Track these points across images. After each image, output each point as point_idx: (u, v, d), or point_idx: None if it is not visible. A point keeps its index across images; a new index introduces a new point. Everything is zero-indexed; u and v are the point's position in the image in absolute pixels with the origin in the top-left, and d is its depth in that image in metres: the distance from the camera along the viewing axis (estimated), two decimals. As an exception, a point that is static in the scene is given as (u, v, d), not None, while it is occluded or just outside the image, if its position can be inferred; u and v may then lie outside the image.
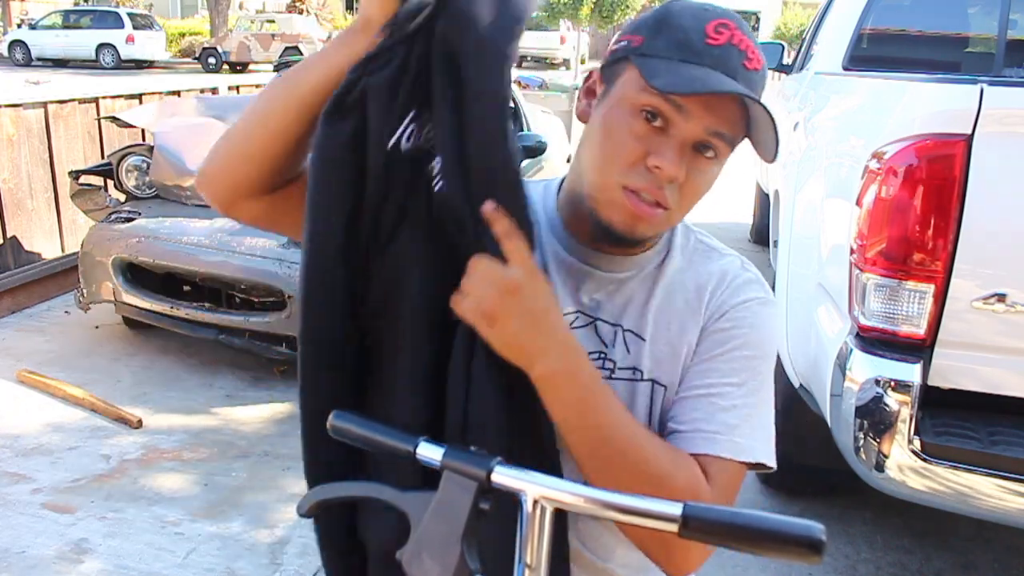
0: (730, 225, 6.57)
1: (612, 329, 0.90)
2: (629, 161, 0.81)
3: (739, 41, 0.80)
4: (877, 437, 1.89)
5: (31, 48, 20.82)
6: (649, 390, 0.90)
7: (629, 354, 0.90)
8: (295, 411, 3.25)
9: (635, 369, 0.90)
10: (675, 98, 0.79)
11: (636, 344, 0.90)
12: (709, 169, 0.83)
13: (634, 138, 0.81)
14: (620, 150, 0.81)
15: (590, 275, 0.91)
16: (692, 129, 0.79)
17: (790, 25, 27.55)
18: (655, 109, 0.80)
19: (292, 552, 2.39)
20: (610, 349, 0.90)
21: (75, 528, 2.44)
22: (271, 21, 21.73)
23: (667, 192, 0.81)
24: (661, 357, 0.90)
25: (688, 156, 0.81)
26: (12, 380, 3.39)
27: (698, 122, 0.79)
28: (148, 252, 3.42)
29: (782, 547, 0.65)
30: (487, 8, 0.76)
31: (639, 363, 0.90)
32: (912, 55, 3.66)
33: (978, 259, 1.83)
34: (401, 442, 0.76)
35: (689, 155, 0.81)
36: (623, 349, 0.90)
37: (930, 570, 2.45)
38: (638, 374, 0.90)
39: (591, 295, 0.91)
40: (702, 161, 0.82)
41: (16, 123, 4.25)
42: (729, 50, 0.79)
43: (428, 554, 0.70)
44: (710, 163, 0.82)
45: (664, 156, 0.79)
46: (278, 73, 4.93)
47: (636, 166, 0.81)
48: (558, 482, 0.73)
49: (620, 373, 0.90)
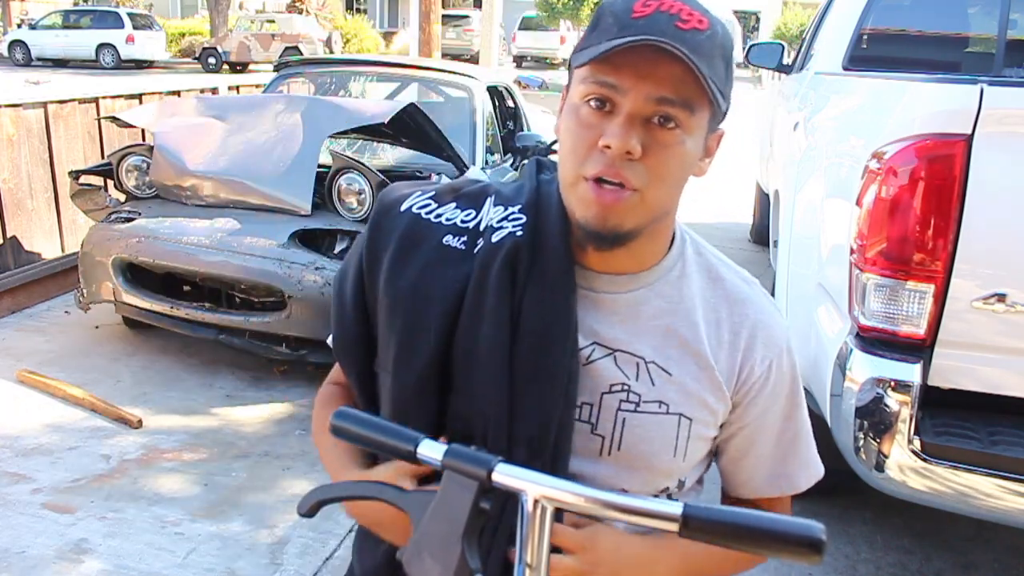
0: (730, 225, 6.57)
1: (635, 360, 0.89)
2: (584, 150, 0.81)
3: (669, 7, 0.78)
4: (877, 437, 1.89)
5: (31, 48, 20.80)
6: (676, 423, 0.89)
7: (654, 387, 0.89)
8: (295, 411, 3.27)
9: (661, 403, 0.89)
10: (609, 78, 0.78)
11: (661, 377, 0.89)
12: (674, 142, 0.80)
13: (585, 127, 0.80)
14: (575, 142, 0.81)
15: (603, 302, 0.89)
16: (634, 101, 0.78)
17: (790, 25, 27.54)
18: (595, 95, 0.80)
19: (292, 552, 2.39)
20: (633, 382, 0.88)
21: (75, 528, 2.44)
22: (271, 21, 21.72)
23: (628, 172, 0.79)
24: (688, 391, 0.89)
25: (640, 130, 0.79)
26: (12, 380, 3.39)
27: (637, 93, 0.78)
28: (148, 252, 3.42)
29: (782, 547, 0.65)
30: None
31: (665, 397, 0.89)
32: (912, 55, 3.66)
33: (978, 259, 1.83)
34: (402, 441, 0.75)
35: (642, 129, 0.79)
36: (648, 382, 0.89)
37: (930, 570, 2.45)
38: (664, 407, 0.89)
39: (608, 325, 0.89)
40: (662, 133, 0.79)
41: (16, 123, 4.25)
42: (657, 16, 0.78)
43: (429, 553, 0.70)
44: (673, 134, 0.79)
45: (610, 132, 0.78)
46: (277, 70, 4.94)
47: (591, 152, 0.80)
48: (559, 481, 0.72)
49: (646, 406, 0.88)
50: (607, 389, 0.88)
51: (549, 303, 0.86)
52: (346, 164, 3.48)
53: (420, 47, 9.68)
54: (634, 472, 0.89)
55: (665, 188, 0.82)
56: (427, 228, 0.93)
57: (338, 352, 1.00)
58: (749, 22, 32.66)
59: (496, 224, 0.90)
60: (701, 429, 0.91)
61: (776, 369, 0.93)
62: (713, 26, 0.79)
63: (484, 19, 11.66)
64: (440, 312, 0.88)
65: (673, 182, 0.83)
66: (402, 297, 0.91)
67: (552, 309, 0.86)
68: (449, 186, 0.99)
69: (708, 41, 0.78)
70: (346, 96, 4.66)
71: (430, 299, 0.89)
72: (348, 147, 4.23)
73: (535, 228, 0.88)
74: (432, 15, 9.43)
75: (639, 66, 0.77)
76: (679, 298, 0.91)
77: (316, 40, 20.64)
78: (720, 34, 0.80)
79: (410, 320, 0.90)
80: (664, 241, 0.92)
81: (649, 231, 0.86)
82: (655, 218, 0.85)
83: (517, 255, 0.87)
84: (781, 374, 0.94)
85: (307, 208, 3.46)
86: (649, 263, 0.91)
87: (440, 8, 9.68)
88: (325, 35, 21.51)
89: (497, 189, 0.96)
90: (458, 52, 22.22)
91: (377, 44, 23.81)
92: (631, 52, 0.76)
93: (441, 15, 9.95)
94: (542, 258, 0.87)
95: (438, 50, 9.56)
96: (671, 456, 0.89)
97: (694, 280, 0.93)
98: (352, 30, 23.44)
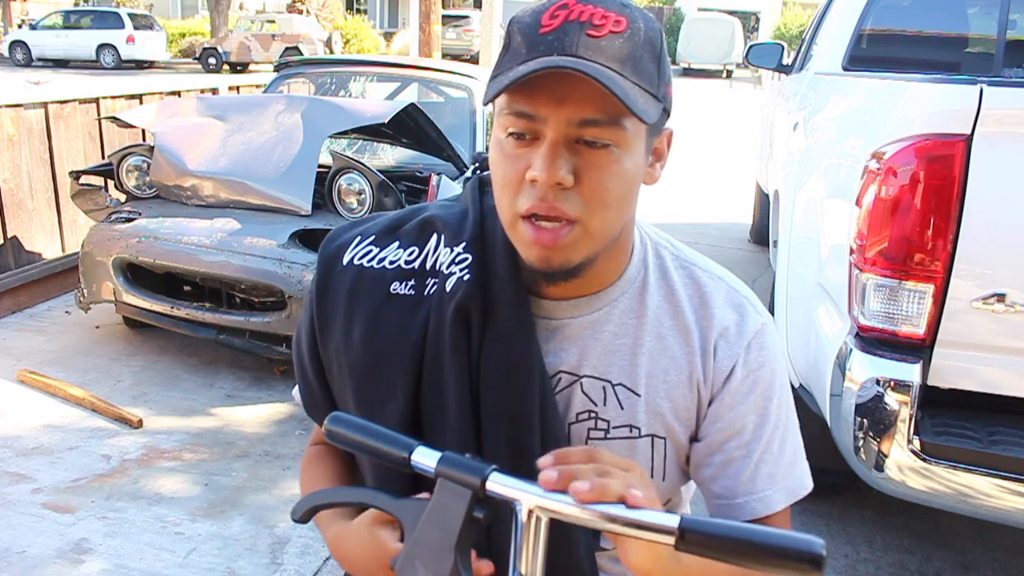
0: (730, 225, 6.57)
1: (601, 384, 0.84)
2: (515, 184, 0.75)
3: (579, 14, 0.71)
4: (877, 437, 1.89)
5: (31, 48, 20.81)
6: (649, 445, 0.85)
7: (623, 411, 0.84)
8: (295, 411, 3.27)
9: (631, 427, 0.84)
10: (524, 108, 0.72)
11: (630, 399, 0.84)
12: (609, 161, 0.73)
13: (511, 160, 0.75)
14: (505, 178, 0.76)
15: (565, 328, 0.85)
16: (555, 128, 0.72)
17: (790, 25, 27.57)
18: (514, 128, 0.74)
19: (292, 552, 2.39)
20: (601, 407, 0.84)
21: (75, 528, 2.45)
22: (271, 21, 21.73)
23: (564, 204, 0.73)
24: (659, 411, 0.85)
25: (569, 156, 0.72)
26: (12, 380, 3.39)
27: (557, 119, 0.71)
28: (148, 252, 3.42)
29: (781, 562, 0.64)
30: None
31: (635, 420, 0.84)
32: (912, 55, 3.66)
33: (977, 259, 1.83)
34: (396, 448, 0.74)
35: (571, 155, 0.72)
36: (616, 406, 0.84)
37: (929, 570, 2.45)
38: (635, 431, 0.84)
39: (571, 352, 0.85)
40: (593, 155, 0.73)
41: (17, 123, 4.25)
42: (566, 28, 0.71)
43: (421, 562, 0.70)
44: (605, 153, 0.73)
45: (535, 164, 0.72)
46: (278, 70, 4.94)
47: (521, 187, 0.74)
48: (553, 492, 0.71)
49: (616, 432, 0.84)
50: (574, 419, 0.84)
51: (505, 348, 0.82)
52: (346, 164, 3.49)
53: (420, 47, 9.67)
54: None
55: (609, 213, 0.75)
56: (371, 279, 0.88)
57: (307, 408, 0.97)
58: (749, 22, 32.67)
59: (446, 270, 0.85)
60: (679, 443, 0.87)
61: (743, 364, 0.85)
62: (633, 23, 0.73)
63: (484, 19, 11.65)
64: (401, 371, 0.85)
65: (617, 204, 0.76)
66: (356, 358, 0.87)
67: (509, 353, 0.82)
68: (388, 224, 0.93)
69: (628, 43, 0.72)
70: (346, 96, 4.66)
71: (385, 358, 0.86)
72: (348, 147, 4.24)
73: (482, 267, 0.84)
74: (432, 15, 9.43)
75: (555, 89, 0.71)
76: (642, 312, 0.85)
77: (316, 40, 20.64)
78: (643, 29, 0.73)
79: (366, 381, 0.87)
80: (624, 255, 0.86)
81: (605, 254, 0.81)
82: (605, 245, 0.79)
83: (468, 304, 0.82)
84: (750, 371, 0.85)
85: (307, 208, 3.47)
86: (610, 280, 0.86)
87: (440, 8, 9.67)
88: (325, 35, 21.51)
89: (442, 221, 0.89)
90: (458, 52, 22.21)
91: (377, 44, 23.81)
92: (545, 74, 0.69)
93: (441, 15, 9.94)
94: (493, 303, 0.82)
95: (438, 50, 9.55)
96: (647, 472, 0.85)
97: (658, 288, 0.87)
98: (352, 30, 23.45)
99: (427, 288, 0.86)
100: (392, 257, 0.89)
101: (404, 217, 0.93)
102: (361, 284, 0.88)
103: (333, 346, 0.89)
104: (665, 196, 6.75)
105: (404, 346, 0.85)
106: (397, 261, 0.89)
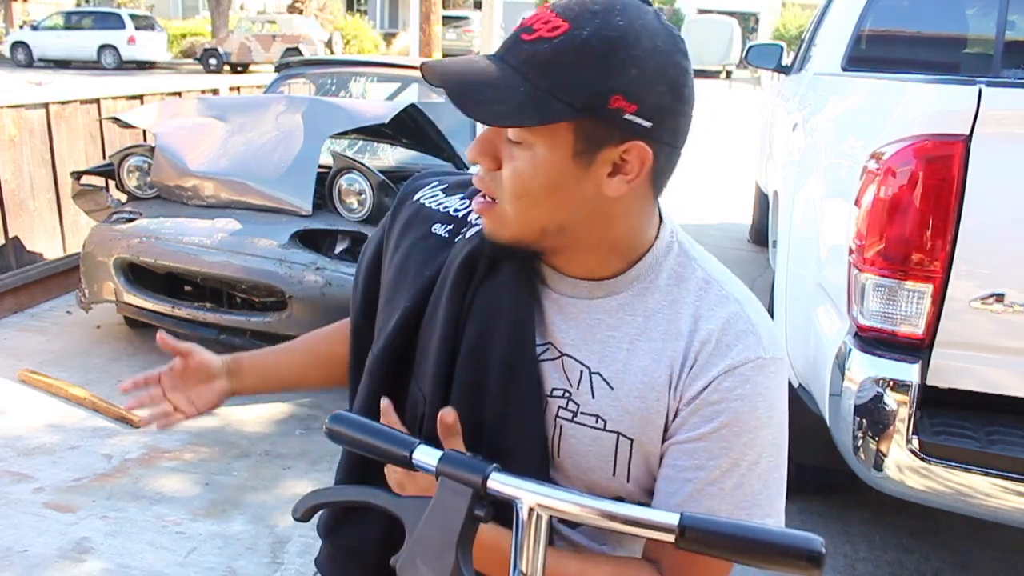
0: (729, 225, 6.57)
1: (579, 368, 0.84)
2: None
3: (536, 19, 0.78)
4: (876, 436, 1.90)
5: (33, 49, 20.82)
6: (614, 441, 0.83)
7: (594, 399, 0.83)
8: (296, 411, 3.28)
9: (599, 417, 0.83)
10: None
11: (603, 391, 0.83)
12: (519, 155, 0.78)
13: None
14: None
15: (566, 305, 0.86)
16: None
17: (789, 26, 27.59)
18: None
19: (293, 551, 2.40)
20: (574, 390, 0.84)
21: (77, 527, 2.45)
22: (272, 22, 21.75)
23: (491, 184, 0.81)
24: (630, 410, 0.82)
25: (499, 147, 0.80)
26: (14, 380, 3.40)
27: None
28: (149, 252, 3.43)
29: (780, 559, 0.64)
30: None
31: (603, 412, 0.83)
32: (911, 56, 3.67)
33: (976, 259, 1.83)
34: (398, 446, 0.75)
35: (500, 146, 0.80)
36: (588, 392, 0.84)
37: (928, 569, 2.46)
38: (601, 423, 0.83)
39: (564, 328, 0.86)
40: (510, 148, 0.79)
41: (18, 124, 4.26)
42: (514, 33, 0.78)
43: (422, 560, 0.70)
44: (519, 147, 0.78)
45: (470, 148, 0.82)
46: (278, 71, 4.95)
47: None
48: (554, 490, 0.71)
49: (583, 419, 0.84)
50: (549, 392, 0.85)
51: (494, 301, 0.86)
52: (347, 164, 3.49)
53: (420, 48, 9.69)
54: (576, 484, 0.85)
55: (526, 203, 0.79)
56: (424, 217, 0.97)
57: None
58: (748, 23, 32.67)
59: (475, 221, 0.91)
60: (649, 451, 0.83)
61: (713, 393, 0.80)
62: (575, 29, 0.74)
63: (484, 20, 11.67)
64: (408, 298, 0.91)
65: (531, 196, 0.78)
66: (389, 278, 0.96)
67: (494, 308, 0.85)
68: (464, 179, 1.01)
69: (553, 47, 0.74)
70: (347, 97, 4.66)
71: (405, 284, 0.93)
72: (349, 147, 4.24)
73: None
74: (432, 16, 9.44)
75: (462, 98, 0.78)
76: (641, 311, 0.85)
77: (317, 41, 20.65)
78: (588, 35, 0.73)
79: (388, 299, 0.95)
80: (621, 254, 0.85)
81: (577, 245, 0.83)
82: (536, 232, 0.81)
83: (478, 252, 0.87)
84: (719, 401, 0.80)
85: (308, 208, 3.47)
86: (607, 273, 0.85)
87: (440, 9, 9.68)
88: (326, 36, 21.52)
89: None
90: (458, 53, 22.20)
91: (377, 45, 23.83)
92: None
93: (441, 16, 9.95)
94: (502, 255, 0.86)
95: (438, 51, 9.56)
96: (610, 475, 0.84)
97: (665, 294, 0.85)
98: (353, 31, 23.46)
99: (458, 236, 0.93)
100: (448, 204, 0.97)
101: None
102: (416, 218, 0.97)
103: (385, 262, 1.00)
104: (665, 196, 6.74)
105: (418, 279, 0.91)
106: (449, 208, 0.97)
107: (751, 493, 0.81)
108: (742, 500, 0.80)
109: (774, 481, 0.82)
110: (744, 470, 0.80)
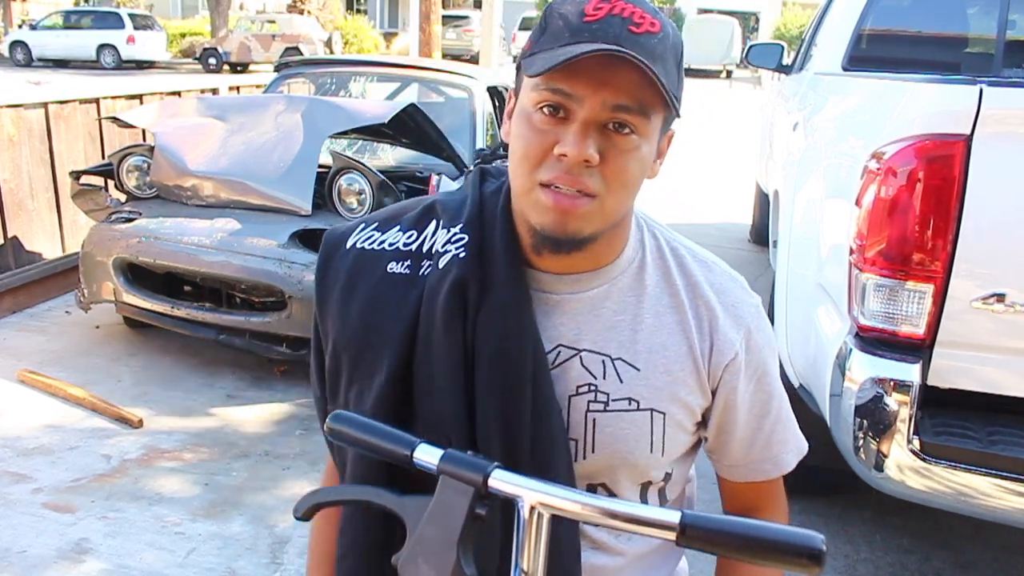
0: (730, 225, 6.57)
1: (600, 358, 0.87)
2: (538, 156, 0.79)
3: (622, 10, 0.77)
4: (876, 437, 1.89)
5: (32, 48, 20.80)
6: (648, 419, 0.87)
7: (622, 384, 0.87)
8: (295, 411, 3.28)
9: (631, 399, 0.87)
10: (563, 86, 0.76)
11: (629, 373, 0.87)
12: (631, 147, 0.79)
13: (538, 133, 0.79)
14: (529, 149, 0.80)
15: (565, 304, 0.88)
16: (590, 109, 0.76)
17: (790, 25, 27.59)
18: (549, 102, 0.78)
19: (293, 551, 2.39)
20: (601, 380, 0.87)
21: (76, 528, 2.45)
22: (272, 22, 21.72)
23: (587, 179, 0.78)
24: (658, 385, 0.88)
25: (597, 137, 0.77)
26: (13, 380, 3.40)
27: (593, 101, 0.76)
28: (149, 252, 3.43)
29: (781, 556, 0.64)
30: None
31: (634, 393, 0.87)
32: (911, 55, 3.66)
33: (977, 259, 1.83)
34: (399, 445, 0.75)
35: (599, 136, 0.77)
36: (615, 379, 0.87)
37: (929, 569, 2.46)
38: (634, 404, 0.87)
39: (571, 326, 0.88)
40: (619, 139, 0.78)
41: (17, 123, 4.25)
42: (610, 20, 0.76)
43: (424, 559, 0.70)
44: (629, 139, 0.78)
45: (566, 141, 0.77)
46: (278, 71, 4.94)
47: (547, 159, 0.79)
48: (555, 488, 0.71)
49: (615, 404, 0.87)
50: (574, 391, 0.87)
51: (501, 320, 0.84)
52: (346, 164, 3.49)
53: (420, 48, 9.68)
54: (614, 469, 0.89)
55: (624, 194, 0.81)
56: (370, 259, 0.92)
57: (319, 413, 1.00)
58: (749, 22, 32.68)
59: (441, 249, 0.88)
60: (678, 422, 0.89)
61: (745, 349, 0.90)
62: (664, 28, 0.78)
63: (484, 19, 11.66)
64: (391, 343, 0.87)
65: (631, 187, 0.82)
66: (352, 332, 0.90)
67: (505, 326, 0.84)
68: (392, 211, 0.97)
69: (660, 44, 0.77)
70: (346, 97, 4.66)
71: (379, 331, 0.88)
72: (348, 147, 4.24)
73: (479, 245, 0.87)
74: (432, 16, 9.43)
75: (596, 73, 0.75)
76: (641, 290, 0.89)
77: (316, 41, 20.64)
78: (671, 35, 0.79)
79: (360, 354, 0.90)
80: (623, 237, 0.90)
81: (609, 233, 0.85)
82: (613, 223, 0.84)
83: (465, 279, 0.85)
84: (752, 354, 0.91)
85: (307, 208, 3.47)
86: (608, 259, 0.89)
87: (440, 9, 9.68)
88: (325, 36, 21.50)
89: (442, 206, 0.94)
90: (458, 52, 22.23)
91: (377, 45, 23.81)
92: (587, 58, 0.74)
93: (441, 16, 9.95)
94: (490, 276, 0.85)
95: (438, 51, 9.56)
96: (648, 452, 0.88)
97: (655, 269, 0.91)
98: (352, 31, 23.44)
99: (422, 269, 0.90)
100: (391, 239, 0.94)
101: (408, 205, 0.98)
102: (361, 264, 0.93)
103: (331, 323, 0.93)
104: (665, 196, 6.76)
105: (397, 321, 0.88)
106: (396, 243, 0.93)
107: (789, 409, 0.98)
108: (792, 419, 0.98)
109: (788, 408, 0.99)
110: (782, 397, 0.96)
